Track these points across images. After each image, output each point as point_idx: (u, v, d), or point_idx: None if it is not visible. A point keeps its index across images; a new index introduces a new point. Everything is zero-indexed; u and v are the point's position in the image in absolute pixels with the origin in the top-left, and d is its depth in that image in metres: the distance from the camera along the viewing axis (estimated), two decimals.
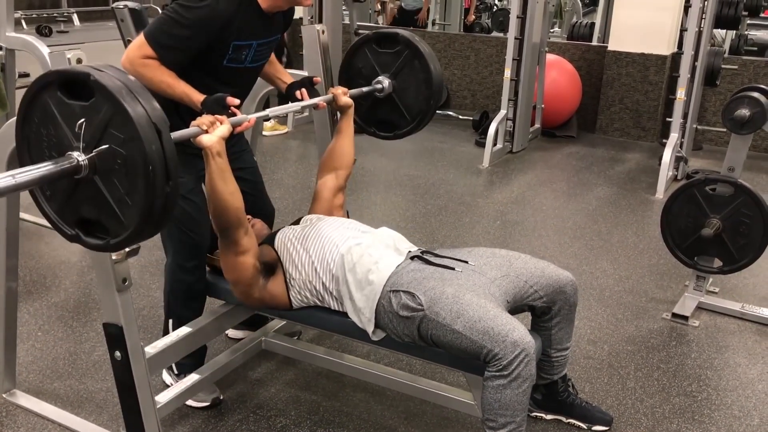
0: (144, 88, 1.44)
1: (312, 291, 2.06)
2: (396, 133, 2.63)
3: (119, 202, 1.47)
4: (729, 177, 2.93)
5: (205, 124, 1.83)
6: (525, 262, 2.08)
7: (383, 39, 2.55)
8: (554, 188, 5.06)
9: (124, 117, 1.39)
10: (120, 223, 1.48)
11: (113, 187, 1.46)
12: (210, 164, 1.86)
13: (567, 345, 2.21)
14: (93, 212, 1.52)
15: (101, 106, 1.41)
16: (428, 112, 2.57)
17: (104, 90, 1.39)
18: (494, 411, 1.80)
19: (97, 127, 1.42)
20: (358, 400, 2.43)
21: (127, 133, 1.40)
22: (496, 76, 6.87)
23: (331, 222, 2.19)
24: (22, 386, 2.43)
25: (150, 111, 1.41)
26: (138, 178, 1.42)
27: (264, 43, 2.20)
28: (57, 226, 1.58)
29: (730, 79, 5.95)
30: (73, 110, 1.45)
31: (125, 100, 1.39)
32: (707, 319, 3.10)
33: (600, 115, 6.44)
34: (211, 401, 2.34)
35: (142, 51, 2.01)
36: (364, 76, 2.58)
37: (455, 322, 1.81)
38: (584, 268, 3.58)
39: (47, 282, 3.23)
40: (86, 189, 1.49)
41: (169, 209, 1.48)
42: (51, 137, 1.49)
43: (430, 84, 2.51)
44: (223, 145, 1.86)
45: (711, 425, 2.36)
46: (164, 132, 1.42)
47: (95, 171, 1.46)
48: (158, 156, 1.40)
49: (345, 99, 2.39)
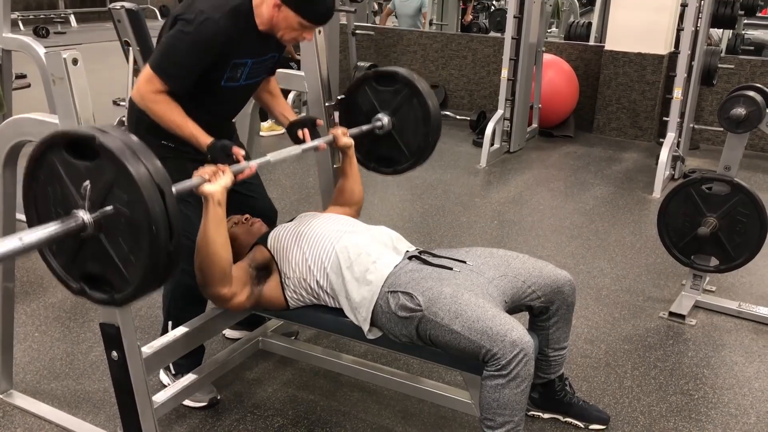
0: (146, 148, 1.48)
1: (307, 289, 2.06)
2: (396, 168, 2.67)
3: (124, 260, 1.51)
4: (725, 176, 2.94)
5: (208, 173, 1.86)
6: (523, 262, 2.08)
7: (382, 77, 2.58)
8: (551, 188, 5.06)
9: (128, 179, 1.43)
10: (124, 280, 1.52)
11: (118, 245, 1.50)
12: (209, 212, 1.87)
13: (564, 344, 2.21)
14: (98, 268, 1.56)
15: (106, 167, 1.45)
16: (427, 148, 2.61)
17: (109, 152, 1.43)
18: (492, 410, 1.80)
19: (102, 187, 1.47)
20: (356, 400, 2.44)
21: (131, 194, 1.44)
22: (494, 76, 6.88)
23: (326, 218, 2.19)
24: (19, 387, 2.43)
25: (153, 172, 1.45)
26: (142, 237, 1.46)
27: (259, 62, 2.21)
28: (62, 280, 1.62)
29: (727, 78, 5.96)
30: (79, 170, 1.49)
31: (129, 162, 1.42)
32: (704, 317, 3.11)
33: (597, 114, 6.45)
34: (208, 401, 2.34)
35: (152, 85, 2.04)
36: (363, 112, 2.61)
37: (453, 322, 1.81)
38: (581, 268, 3.59)
39: (44, 283, 3.22)
40: (91, 246, 1.53)
41: (172, 266, 1.52)
42: (57, 195, 1.53)
43: (428, 121, 2.54)
44: (224, 195, 1.89)
45: (708, 423, 2.37)
46: (167, 192, 1.46)
47: (100, 229, 1.49)
48: (162, 216, 1.44)
49: (345, 140, 2.41)
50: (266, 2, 2.06)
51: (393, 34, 7.62)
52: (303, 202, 4.36)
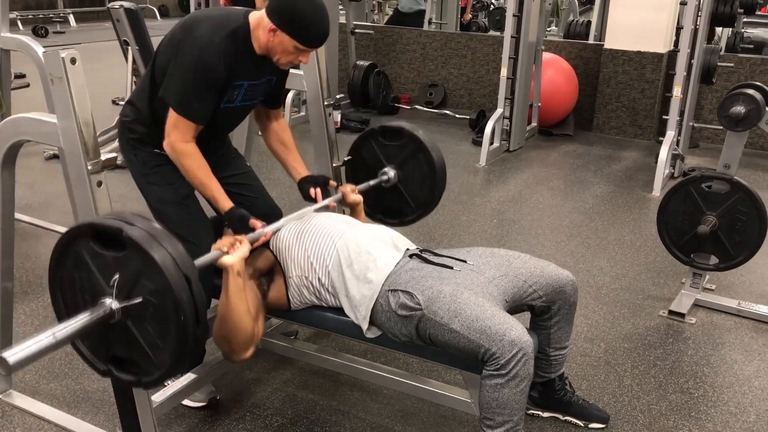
0: (172, 237, 1.51)
1: (309, 287, 2.06)
2: (402, 220, 2.71)
3: (151, 345, 1.53)
4: (725, 174, 2.94)
5: (226, 245, 1.89)
6: (524, 262, 2.08)
7: (388, 132, 2.63)
8: (551, 186, 5.06)
9: (155, 269, 1.45)
10: (152, 364, 1.55)
11: (145, 331, 1.52)
12: (229, 283, 1.88)
13: (566, 344, 2.21)
14: (125, 351, 1.58)
15: (133, 258, 1.48)
16: (432, 200, 2.66)
17: (136, 245, 1.46)
18: (492, 410, 1.80)
19: (129, 277, 1.49)
20: (355, 399, 2.43)
21: (159, 284, 1.47)
22: (493, 74, 6.87)
23: (327, 217, 2.19)
24: (18, 387, 2.43)
25: (179, 260, 1.48)
26: (170, 325, 1.49)
27: (255, 85, 2.23)
28: (89, 362, 1.63)
29: (727, 76, 5.95)
30: (106, 259, 1.52)
31: (156, 253, 1.45)
32: (704, 316, 3.10)
33: (597, 113, 6.44)
34: (207, 401, 2.33)
35: (181, 130, 2.08)
36: (370, 166, 2.66)
37: (453, 321, 1.80)
38: (581, 266, 3.58)
39: (44, 283, 3.21)
40: (119, 331, 1.55)
41: (199, 350, 1.55)
42: (83, 282, 1.56)
43: (433, 175, 2.59)
44: (243, 265, 1.90)
45: (707, 422, 2.37)
46: (194, 281, 1.48)
47: (128, 316, 1.52)
48: (189, 304, 1.47)
49: (354, 197, 2.44)
50: (262, 26, 2.07)
51: (392, 33, 7.61)
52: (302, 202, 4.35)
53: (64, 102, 1.78)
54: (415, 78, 7.46)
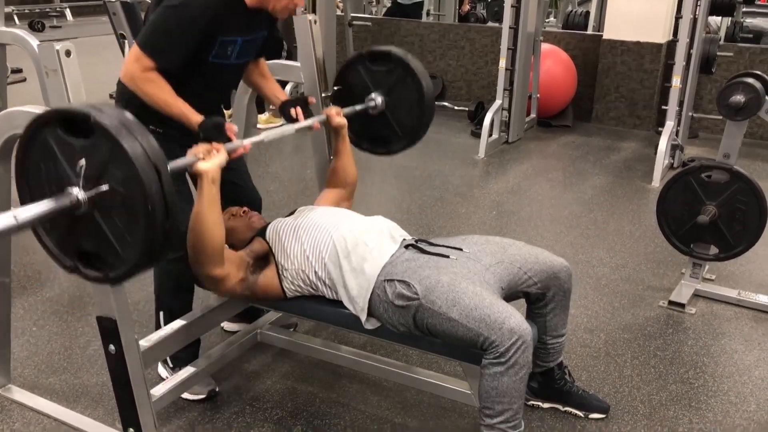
0: (142, 126, 1.46)
1: (305, 280, 2.05)
2: (389, 149, 2.65)
3: (119, 238, 1.49)
4: (724, 164, 2.93)
5: (202, 152, 1.84)
6: (519, 249, 2.08)
7: (376, 56, 2.56)
8: (550, 178, 5.05)
9: (123, 157, 1.41)
10: (119, 258, 1.51)
11: (113, 223, 1.48)
12: (203, 190, 1.85)
13: (562, 332, 2.20)
14: (92, 245, 1.54)
15: (101, 144, 1.43)
16: (421, 128, 2.59)
17: (104, 130, 1.41)
18: (491, 399, 1.79)
19: (96, 164, 1.45)
20: (355, 391, 2.43)
21: (127, 173, 1.42)
22: (491, 66, 6.85)
23: (324, 211, 2.19)
24: (17, 381, 2.43)
25: (149, 150, 1.43)
26: (138, 217, 1.44)
27: (249, 40, 2.19)
28: (56, 258, 1.60)
29: (726, 66, 5.94)
30: (73, 147, 1.47)
31: (125, 140, 1.40)
32: (704, 306, 3.10)
33: (595, 104, 6.43)
34: (207, 393, 2.33)
35: (141, 63, 2.02)
36: (356, 92, 2.59)
37: (451, 310, 1.80)
38: (580, 257, 3.58)
39: (42, 277, 3.21)
40: (86, 223, 1.51)
41: (168, 245, 1.50)
42: (50, 172, 1.51)
43: (422, 101, 2.52)
44: (218, 174, 1.87)
45: (708, 412, 2.36)
46: (164, 172, 1.44)
47: (95, 207, 1.48)
48: (158, 195, 1.42)
49: (338, 119, 2.40)
50: None
51: (390, 25, 7.59)
52: (300, 195, 4.34)
53: (59, 95, 1.76)
54: None
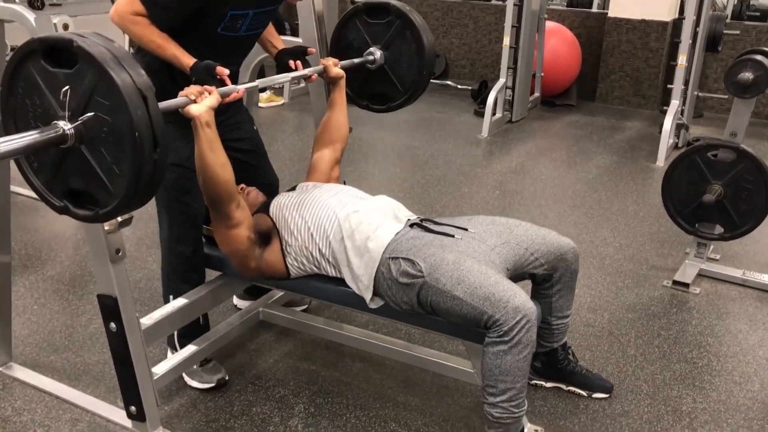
0: (129, 54, 1.41)
1: (309, 257, 2.04)
2: (389, 105, 2.59)
3: (107, 171, 1.44)
4: (731, 142, 2.90)
5: (194, 93, 1.79)
6: (525, 230, 2.05)
7: (374, 9, 2.49)
8: (554, 157, 5.02)
9: (109, 84, 1.36)
10: (109, 193, 1.46)
11: (100, 156, 1.44)
12: (199, 134, 1.82)
13: (567, 313, 2.19)
14: (81, 183, 1.50)
15: (85, 73, 1.38)
16: (421, 83, 2.53)
17: (88, 57, 1.37)
18: (494, 377, 1.78)
19: (81, 95, 1.40)
20: (357, 370, 2.42)
21: (113, 101, 1.37)
22: (495, 44, 6.79)
23: (329, 188, 2.16)
24: (19, 359, 2.42)
25: (135, 78, 1.38)
26: (125, 147, 1.39)
27: (261, 12, 2.12)
28: (45, 198, 1.56)
29: (732, 44, 5.88)
30: (58, 78, 1.42)
31: (110, 66, 1.36)
32: (708, 286, 3.08)
33: (600, 83, 6.38)
34: (216, 382, 2.30)
35: (133, 7, 1.94)
36: (355, 48, 2.53)
37: (456, 288, 1.78)
38: (584, 237, 3.56)
39: (42, 256, 3.20)
40: (73, 159, 1.47)
41: (158, 177, 1.46)
42: (36, 107, 1.47)
43: (422, 55, 2.46)
44: (212, 115, 1.82)
45: (711, 391, 2.35)
46: (150, 99, 1.39)
47: (81, 140, 1.43)
48: (145, 123, 1.38)
49: (336, 70, 2.34)
50: None
51: None
52: (303, 172, 4.28)
53: None
54: None
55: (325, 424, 2.15)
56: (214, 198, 1.95)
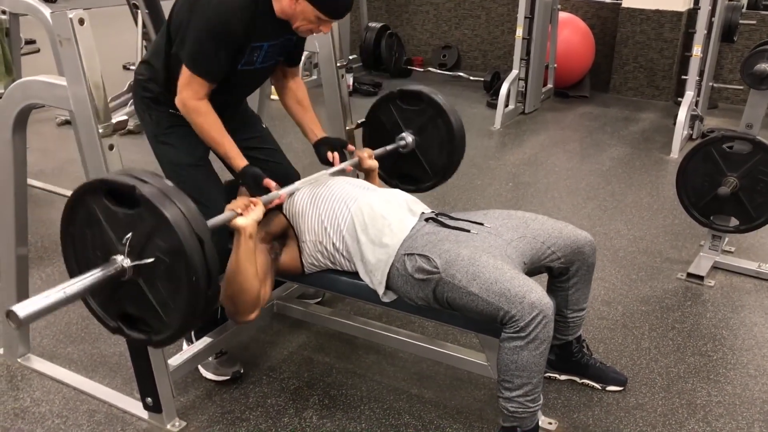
0: (185, 195, 1.50)
1: (323, 252, 2.04)
2: (419, 186, 2.67)
3: (162, 304, 1.53)
4: (747, 134, 2.87)
5: (240, 207, 1.86)
6: (542, 223, 2.05)
7: (407, 96, 2.57)
8: (567, 149, 4.99)
9: (168, 229, 1.45)
10: (162, 323, 1.55)
11: (156, 290, 1.52)
12: (240, 245, 1.86)
13: (583, 306, 2.19)
14: (135, 309, 1.58)
15: (146, 216, 1.47)
16: (450, 167, 2.63)
17: (149, 203, 1.45)
18: (510, 372, 1.78)
19: (141, 236, 1.48)
20: (371, 362, 2.43)
21: (171, 244, 1.46)
22: (508, 35, 6.75)
23: (342, 182, 2.16)
24: (36, 351, 2.45)
25: (192, 220, 1.47)
26: (181, 286, 1.48)
27: (274, 45, 2.16)
28: (100, 319, 1.63)
29: (748, 35, 5.81)
30: (118, 216, 1.51)
31: (169, 212, 1.44)
32: (723, 278, 3.07)
33: (614, 74, 6.33)
34: (231, 375, 2.31)
35: (193, 88, 2.03)
36: (387, 129, 2.61)
37: (471, 284, 1.78)
38: (598, 229, 3.54)
39: (58, 248, 3.20)
40: (130, 288, 1.55)
41: (210, 309, 1.55)
42: (95, 239, 1.55)
43: (452, 140, 2.56)
44: (255, 228, 1.89)
45: (726, 384, 2.35)
46: (206, 241, 1.47)
47: (139, 274, 1.51)
48: (201, 265, 1.46)
49: (370, 162, 2.40)
50: None
51: None
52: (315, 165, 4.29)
53: (73, 64, 1.75)
54: (428, 40, 7.35)
55: (339, 416, 2.16)
56: (239, 307, 1.94)
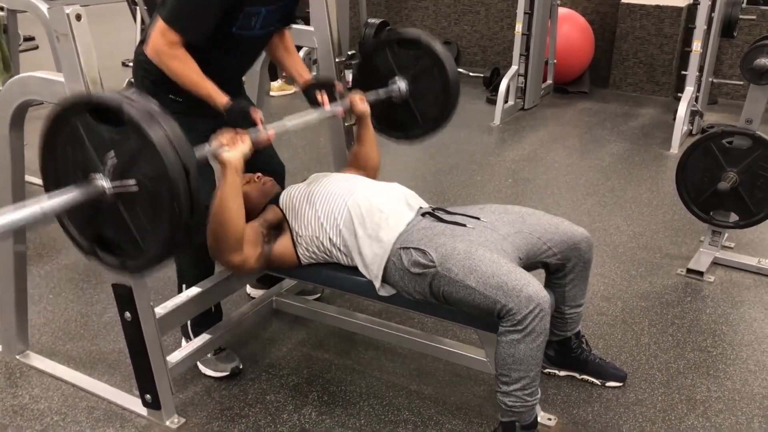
0: (171, 119, 1.45)
1: (320, 247, 2.04)
2: (407, 134, 2.62)
3: (140, 229, 1.49)
4: (747, 129, 2.86)
5: (227, 140, 1.83)
6: (538, 219, 2.04)
7: (404, 42, 2.51)
8: (567, 145, 4.99)
9: (153, 152, 1.40)
10: (138, 249, 1.51)
11: (136, 215, 1.48)
12: (226, 179, 1.85)
13: (581, 302, 2.18)
14: (112, 233, 1.55)
15: (131, 136, 1.43)
16: (442, 119, 2.56)
17: (136, 124, 1.41)
18: (508, 366, 1.78)
19: (124, 156, 1.44)
20: (370, 358, 2.43)
21: (155, 169, 1.42)
22: (507, 31, 6.74)
23: (338, 177, 2.16)
24: (35, 348, 2.45)
25: (179, 148, 1.43)
26: (162, 212, 1.45)
27: (274, 10, 2.13)
28: (73, 239, 1.60)
29: (748, 30, 5.80)
30: (101, 134, 1.47)
31: (156, 135, 1.40)
32: (722, 274, 3.06)
33: (613, 69, 6.32)
34: (230, 371, 2.31)
35: (167, 37, 1.98)
36: (380, 73, 2.54)
37: (468, 277, 1.78)
38: (597, 225, 3.54)
39: (57, 245, 3.23)
40: (108, 211, 1.51)
41: (189, 240, 1.52)
42: (77, 156, 1.51)
43: (447, 91, 2.49)
44: (242, 163, 1.86)
45: (726, 380, 2.34)
46: (192, 170, 1.44)
47: (119, 198, 1.48)
48: (185, 194, 1.43)
49: (362, 106, 2.36)
50: None
51: None
52: (314, 162, 4.32)
53: (70, 60, 1.74)
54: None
55: (339, 412, 2.16)
56: (220, 245, 1.94)
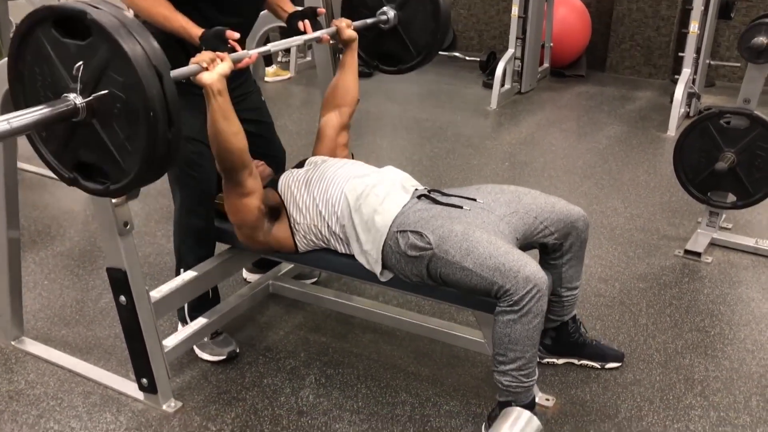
0: (143, 27, 1.37)
1: (317, 235, 2.02)
2: (400, 67, 2.53)
3: (119, 147, 1.42)
4: (744, 109, 2.85)
5: (205, 61, 1.75)
6: (534, 198, 2.03)
7: None
8: (564, 128, 4.97)
9: (123, 60, 1.32)
10: (120, 169, 1.44)
11: (113, 132, 1.41)
12: (211, 103, 1.79)
13: (577, 284, 2.17)
14: (92, 157, 1.47)
15: (99, 46, 1.34)
16: (434, 45, 2.47)
17: (102, 30, 1.32)
18: (504, 346, 1.77)
19: (94, 69, 1.36)
20: (368, 341, 2.42)
21: (127, 77, 1.34)
22: (504, 14, 6.70)
23: (335, 163, 2.14)
24: (31, 334, 2.43)
25: (150, 53, 1.34)
26: (139, 124, 1.37)
27: None
28: (54, 170, 1.53)
29: (745, 11, 5.77)
30: (69, 49, 1.38)
31: (125, 41, 1.32)
32: (720, 255, 3.06)
33: (610, 52, 6.29)
34: (227, 355, 2.30)
35: None
36: (368, 6, 2.46)
37: (465, 259, 1.77)
38: (595, 207, 3.53)
39: (52, 231, 3.21)
40: (84, 132, 1.44)
41: (172, 155, 1.43)
42: (46, 77, 1.43)
43: (437, 16, 2.40)
44: (224, 83, 1.79)
45: (724, 359, 2.34)
46: (165, 75, 1.36)
47: (94, 114, 1.40)
48: (160, 101, 1.35)
49: (349, 32, 2.29)
50: None
51: None
52: (310, 147, 4.26)
53: None
54: None
55: (336, 394, 2.15)
56: (227, 166, 1.93)
